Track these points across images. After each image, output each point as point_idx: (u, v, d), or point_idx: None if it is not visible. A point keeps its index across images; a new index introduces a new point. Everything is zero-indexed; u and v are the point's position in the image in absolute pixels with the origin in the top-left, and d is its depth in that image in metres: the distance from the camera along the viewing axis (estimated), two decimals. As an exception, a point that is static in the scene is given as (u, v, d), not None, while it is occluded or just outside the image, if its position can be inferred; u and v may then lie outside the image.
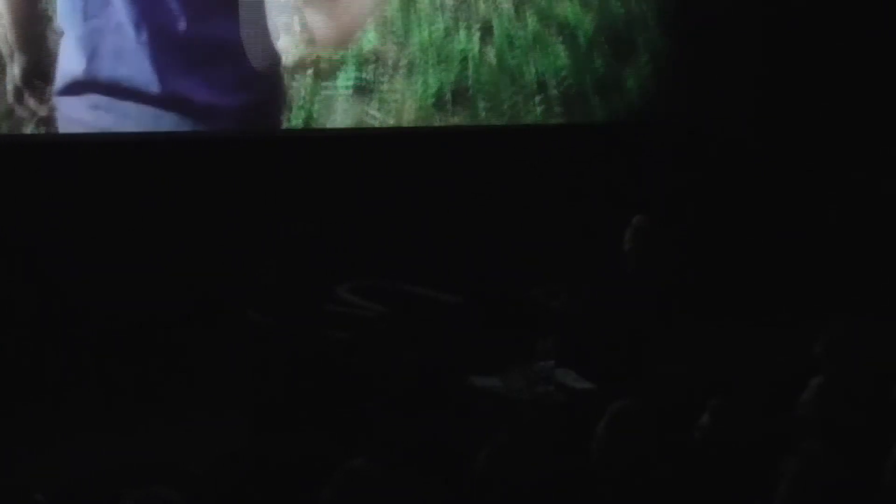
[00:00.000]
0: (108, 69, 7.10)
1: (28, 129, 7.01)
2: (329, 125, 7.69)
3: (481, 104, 8.11)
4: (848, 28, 8.70)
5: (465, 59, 8.04)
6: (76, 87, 7.08)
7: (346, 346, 6.18)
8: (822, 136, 8.79)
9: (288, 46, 7.50)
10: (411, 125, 7.89)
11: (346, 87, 7.72)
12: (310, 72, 7.61)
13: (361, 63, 7.73)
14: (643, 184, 8.10)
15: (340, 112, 7.71)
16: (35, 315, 6.59)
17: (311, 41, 7.56)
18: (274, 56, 7.48)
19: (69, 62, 7.05)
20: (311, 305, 6.78)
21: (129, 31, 7.10)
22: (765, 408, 4.34)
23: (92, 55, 7.07)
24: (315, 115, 7.63)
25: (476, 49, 8.08)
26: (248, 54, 7.38)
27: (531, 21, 8.24)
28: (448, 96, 8.01)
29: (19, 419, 6.02)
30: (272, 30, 7.45)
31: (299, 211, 7.27)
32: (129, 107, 7.15)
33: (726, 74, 8.81)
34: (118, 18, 7.09)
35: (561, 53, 8.34)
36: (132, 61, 7.12)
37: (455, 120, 8.02)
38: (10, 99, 6.97)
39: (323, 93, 7.66)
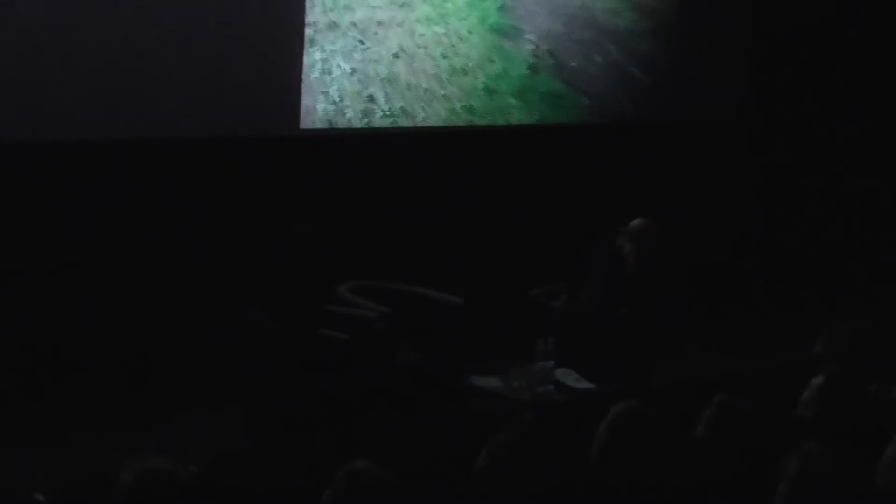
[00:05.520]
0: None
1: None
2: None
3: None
4: (848, 28, 8.71)
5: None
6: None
7: (346, 346, 6.17)
8: (821, 136, 8.80)
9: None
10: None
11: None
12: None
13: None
14: (643, 184, 8.10)
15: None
16: (35, 314, 6.58)
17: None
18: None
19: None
20: (311, 305, 6.78)
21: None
22: (765, 408, 4.33)
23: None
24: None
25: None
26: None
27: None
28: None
29: (19, 419, 6.01)
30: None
31: (300, 211, 7.27)
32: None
33: (726, 74, 8.81)
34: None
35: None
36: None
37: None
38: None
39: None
